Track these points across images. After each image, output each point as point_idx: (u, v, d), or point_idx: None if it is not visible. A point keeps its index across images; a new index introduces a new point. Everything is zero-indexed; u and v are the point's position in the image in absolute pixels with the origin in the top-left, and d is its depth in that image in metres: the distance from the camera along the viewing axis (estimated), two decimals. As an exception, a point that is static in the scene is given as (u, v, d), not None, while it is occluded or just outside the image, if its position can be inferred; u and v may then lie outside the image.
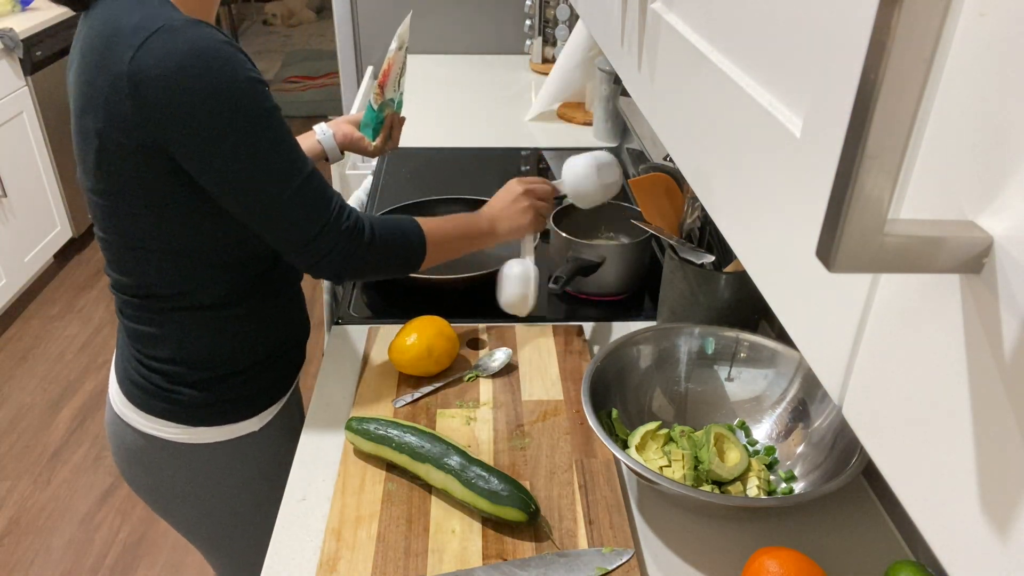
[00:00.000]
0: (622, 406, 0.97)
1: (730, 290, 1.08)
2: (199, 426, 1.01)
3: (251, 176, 0.83)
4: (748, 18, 0.43)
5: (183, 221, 0.88)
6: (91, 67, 0.82)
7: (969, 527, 0.25)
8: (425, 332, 1.06)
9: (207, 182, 0.84)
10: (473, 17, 2.67)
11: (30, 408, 2.49)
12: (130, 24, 0.80)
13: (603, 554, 0.82)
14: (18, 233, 2.86)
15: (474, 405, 1.04)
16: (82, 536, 2.05)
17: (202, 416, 1.01)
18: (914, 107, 0.23)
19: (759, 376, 1.00)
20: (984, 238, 0.24)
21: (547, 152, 1.94)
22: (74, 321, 2.91)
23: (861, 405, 0.32)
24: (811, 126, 0.34)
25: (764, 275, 0.42)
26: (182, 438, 1.01)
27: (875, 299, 0.31)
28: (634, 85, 0.70)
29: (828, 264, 0.24)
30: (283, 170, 0.85)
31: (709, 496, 0.79)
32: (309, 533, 0.86)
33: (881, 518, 0.89)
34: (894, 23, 0.21)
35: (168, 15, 0.80)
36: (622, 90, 1.90)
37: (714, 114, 0.48)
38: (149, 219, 0.88)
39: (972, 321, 0.25)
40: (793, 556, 0.75)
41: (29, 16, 3.00)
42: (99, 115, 0.82)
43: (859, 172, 0.23)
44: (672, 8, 0.58)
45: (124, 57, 0.78)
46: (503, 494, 0.84)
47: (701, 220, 1.13)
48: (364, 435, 0.93)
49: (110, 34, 0.80)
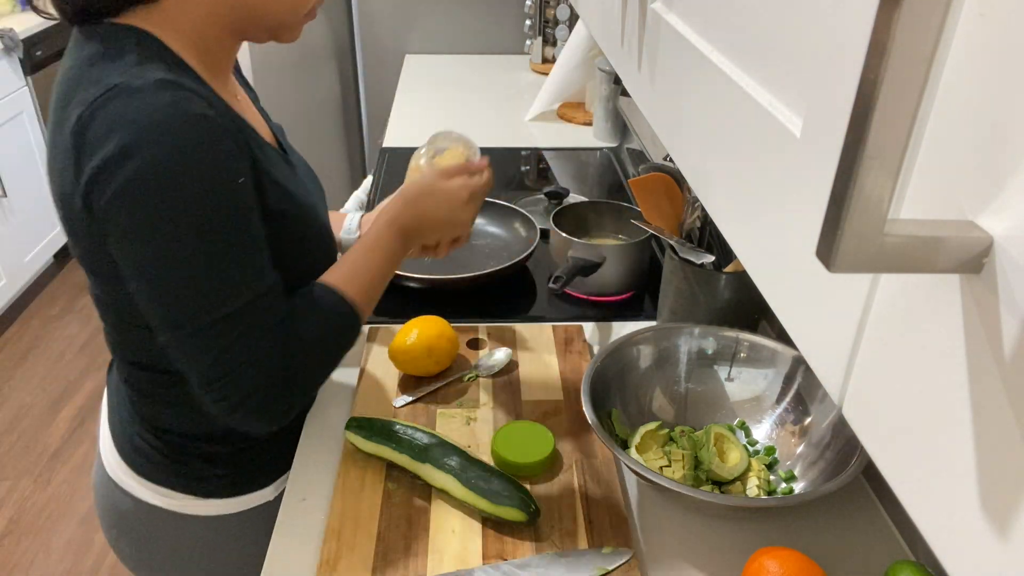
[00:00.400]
0: (622, 406, 0.97)
1: (730, 290, 1.08)
2: (210, 498, 0.92)
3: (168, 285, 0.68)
4: (748, 18, 0.43)
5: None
6: (52, 120, 0.71)
7: (969, 527, 0.25)
8: (425, 332, 1.06)
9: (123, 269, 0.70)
10: (473, 17, 2.67)
11: (30, 408, 2.49)
12: (94, 76, 0.67)
13: (603, 554, 0.82)
14: (18, 233, 2.86)
15: (474, 405, 1.04)
16: (82, 536, 2.05)
17: (214, 488, 0.92)
18: (914, 107, 0.23)
19: (759, 376, 1.00)
20: (984, 238, 0.24)
21: (547, 152, 1.95)
22: (74, 321, 2.91)
23: (861, 405, 0.32)
24: (811, 126, 0.34)
25: (764, 275, 0.42)
26: (187, 509, 0.92)
27: (875, 299, 0.31)
28: (634, 85, 0.70)
29: (828, 264, 0.24)
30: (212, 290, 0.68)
31: (709, 496, 0.79)
32: (309, 533, 0.86)
33: (881, 518, 0.89)
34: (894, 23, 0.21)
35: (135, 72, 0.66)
36: (622, 90, 1.90)
37: (714, 114, 0.48)
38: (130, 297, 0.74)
39: (972, 321, 0.25)
40: (793, 556, 0.75)
41: (29, 16, 3.00)
42: (56, 180, 0.71)
43: (859, 172, 0.23)
44: (672, 8, 0.58)
45: (74, 116, 0.66)
46: (503, 494, 0.84)
47: (701, 220, 1.13)
48: (364, 435, 0.93)
49: (72, 84, 0.68)
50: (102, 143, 0.64)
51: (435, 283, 1.26)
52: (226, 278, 0.69)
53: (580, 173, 1.84)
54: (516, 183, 1.77)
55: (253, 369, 0.71)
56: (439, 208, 0.88)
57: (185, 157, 0.65)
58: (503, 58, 2.68)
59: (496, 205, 1.48)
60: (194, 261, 0.67)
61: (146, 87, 0.64)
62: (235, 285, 0.70)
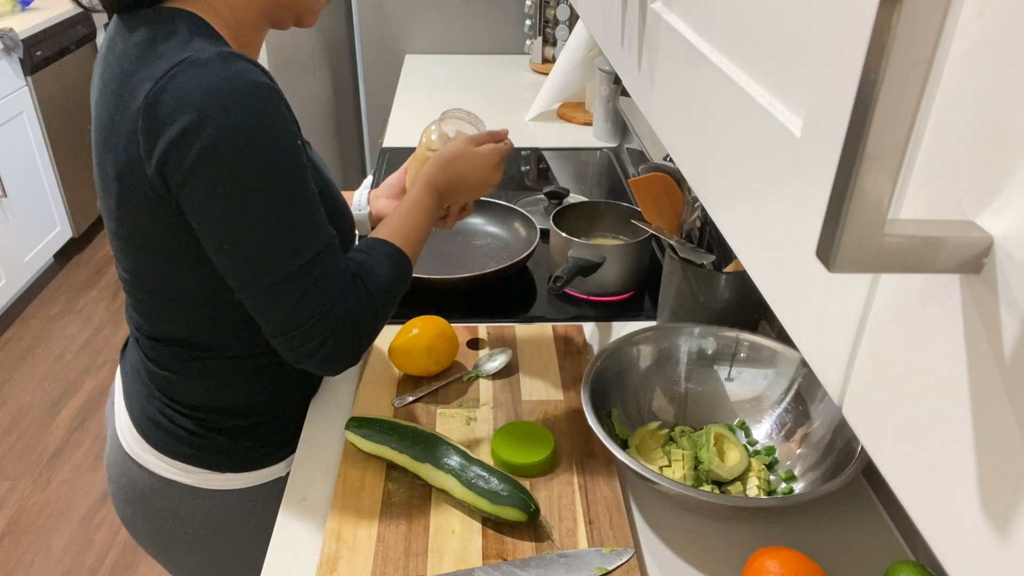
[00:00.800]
0: (622, 406, 0.97)
1: (730, 290, 1.08)
2: (226, 472, 0.95)
3: (250, 241, 0.73)
4: (748, 18, 0.43)
5: (210, 273, 0.81)
6: (110, 98, 0.75)
7: (969, 527, 0.25)
8: (425, 332, 1.06)
9: (202, 236, 0.75)
10: (473, 17, 2.67)
11: (30, 408, 2.49)
12: (156, 54, 0.71)
13: (603, 554, 0.82)
14: (18, 233, 2.86)
15: (474, 405, 1.04)
16: (82, 536, 2.05)
17: (230, 462, 0.95)
18: (914, 107, 0.23)
19: (759, 376, 1.00)
20: (984, 238, 0.24)
21: (547, 152, 1.95)
22: (74, 321, 2.91)
23: (861, 405, 0.32)
24: (811, 126, 0.34)
25: (764, 275, 0.42)
26: (205, 483, 0.95)
27: (875, 299, 0.31)
28: (634, 85, 0.70)
29: (828, 264, 0.24)
30: (290, 241, 0.74)
31: (709, 496, 0.79)
32: (309, 533, 0.86)
33: (881, 518, 0.89)
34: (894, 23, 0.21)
35: (198, 46, 0.71)
36: (622, 90, 1.90)
37: (714, 114, 0.48)
38: (176, 270, 0.81)
39: (972, 321, 0.25)
40: (793, 556, 0.75)
41: (29, 16, 3.00)
42: (119, 157, 0.74)
43: (859, 172, 0.23)
44: (672, 8, 0.58)
45: (142, 91, 0.70)
46: (503, 494, 0.84)
47: (701, 220, 1.13)
48: (364, 435, 0.93)
49: (134, 64, 0.73)
50: (176, 114, 0.69)
51: (435, 283, 1.26)
52: (298, 231, 0.75)
53: (580, 173, 1.84)
54: (516, 183, 1.77)
55: (327, 317, 0.77)
56: (473, 170, 0.96)
57: (255, 121, 0.70)
58: (503, 58, 2.68)
59: (496, 205, 1.47)
60: (271, 216, 0.73)
61: (212, 60, 0.70)
62: (305, 237, 0.75)
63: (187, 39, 0.72)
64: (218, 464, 0.95)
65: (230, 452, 0.95)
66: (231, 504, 0.98)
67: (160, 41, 0.72)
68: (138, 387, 0.96)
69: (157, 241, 0.79)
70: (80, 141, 3.29)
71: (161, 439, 0.94)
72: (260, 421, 0.96)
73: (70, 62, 3.20)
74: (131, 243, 0.81)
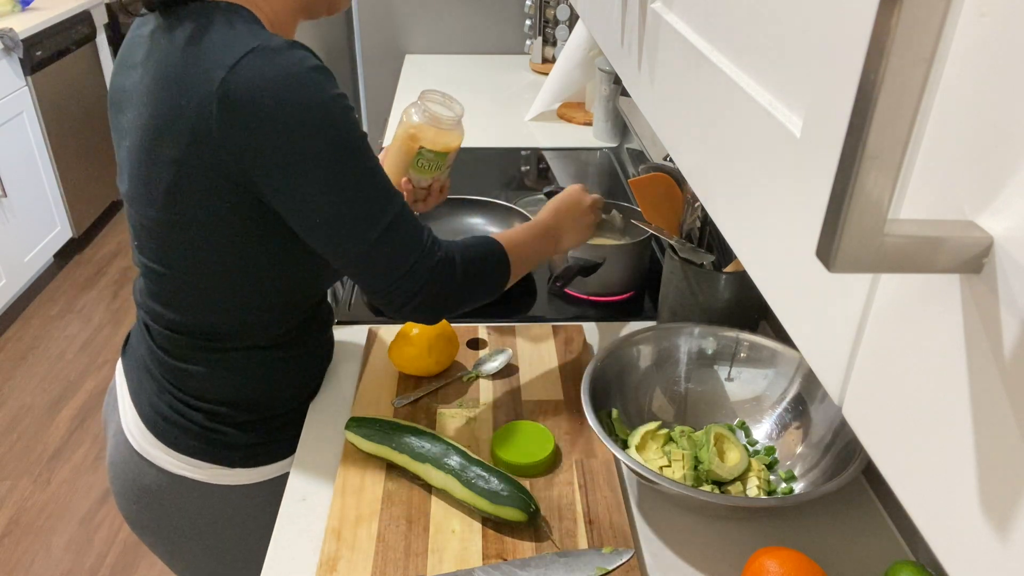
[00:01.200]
0: (622, 406, 0.97)
1: (730, 290, 1.08)
2: (236, 467, 0.96)
3: (341, 210, 0.78)
4: (748, 18, 0.43)
5: (258, 260, 0.83)
6: (171, 85, 0.76)
7: (969, 527, 0.25)
8: (425, 332, 1.06)
9: (293, 217, 0.79)
10: (473, 17, 2.67)
11: (30, 408, 2.49)
12: (221, 42, 0.74)
13: (603, 554, 0.82)
14: (18, 233, 2.86)
15: (474, 405, 1.04)
16: (82, 536, 2.05)
17: (242, 457, 0.96)
18: (914, 107, 0.23)
19: (759, 376, 1.00)
20: (984, 238, 0.24)
21: (547, 152, 1.95)
22: (74, 321, 2.91)
23: (861, 405, 0.32)
24: (811, 126, 0.34)
25: (764, 275, 0.42)
26: (214, 479, 0.96)
27: (875, 299, 0.31)
28: (634, 85, 0.70)
29: (828, 264, 0.24)
30: (375, 204, 0.79)
31: (709, 496, 0.79)
32: (309, 533, 0.86)
33: (881, 518, 0.89)
34: (894, 23, 0.21)
35: (264, 36, 0.75)
36: (622, 90, 1.90)
37: (714, 114, 0.48)
38: (222, 256, 0.83)
39: (972, 321, 0.25)
40: (793, 556, 0.75)
41: (29, 16, 3.00)
42: (181, 141, 0.76)
43: (859, 172, 0.23)
44: (672, 8, 0.58)
45: (214, 77, 0.73)
46: (503, 494, 0.84)
47: (701, 220, 1.13)
48: (364, 435, 0.93)
49: (197, 52, 0.75)
50: (255, 99, 0.72)
51: (435, 283, 1.26)
52: (380, 191, 0.79)
53: (580, 173, 1.84)
54: (516, 183, 1.77)
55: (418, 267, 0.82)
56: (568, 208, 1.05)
57: (327, 100, 0.75)
58: (503, 58, 2.68)
59: (496, 205, 1.47)
60: (358, 183, 0.78)
61: (281, 47, 0.74)
62: (384, 199, 0.80)
63: (248, 29, 0.76)
64: (228, 459, 0.96)
65: (240, 447, 0.96)
66: (239, 500, 0.98)
67: (222, 29, 0.76)
68: (147, 382, 0.96)
69: (209, 225, 0.81)
70: (80, 141, 3.29)
71: (172, 434, 0.94)
72: (271, 415, 0.97)
73: (70, 62, 3.20)
74: (176, 227, 0.82)
